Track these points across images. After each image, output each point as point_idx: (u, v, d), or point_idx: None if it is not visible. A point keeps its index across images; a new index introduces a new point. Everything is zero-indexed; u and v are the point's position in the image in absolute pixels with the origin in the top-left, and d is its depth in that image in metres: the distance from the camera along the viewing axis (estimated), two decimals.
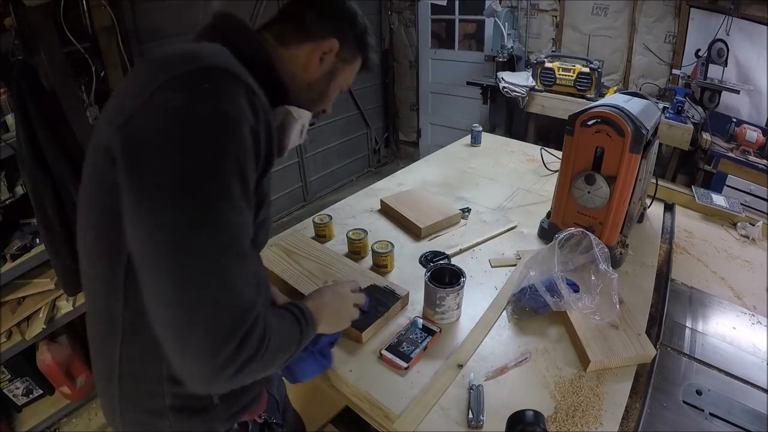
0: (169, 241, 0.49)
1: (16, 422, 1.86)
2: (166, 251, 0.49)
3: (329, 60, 0.73)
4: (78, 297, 1.88)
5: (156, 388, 0.63)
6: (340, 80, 0.78)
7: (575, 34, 3.18)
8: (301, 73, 0.72)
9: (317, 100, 0.77)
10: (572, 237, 1.03)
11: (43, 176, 1.57)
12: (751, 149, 2.41)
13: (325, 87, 0.76)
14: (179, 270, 0.49)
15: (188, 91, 0.52)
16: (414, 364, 0.90)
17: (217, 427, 0.70)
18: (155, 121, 0.51)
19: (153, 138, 0.50)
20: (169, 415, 0.65)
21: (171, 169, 0.50)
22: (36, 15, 1.50)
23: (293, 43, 0.71)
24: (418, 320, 1.00)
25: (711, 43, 2.41)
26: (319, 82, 0.75)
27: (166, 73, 0.53)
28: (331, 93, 0.78)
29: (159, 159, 0.50)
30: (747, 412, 0.83)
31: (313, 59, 0.71)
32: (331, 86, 0.77)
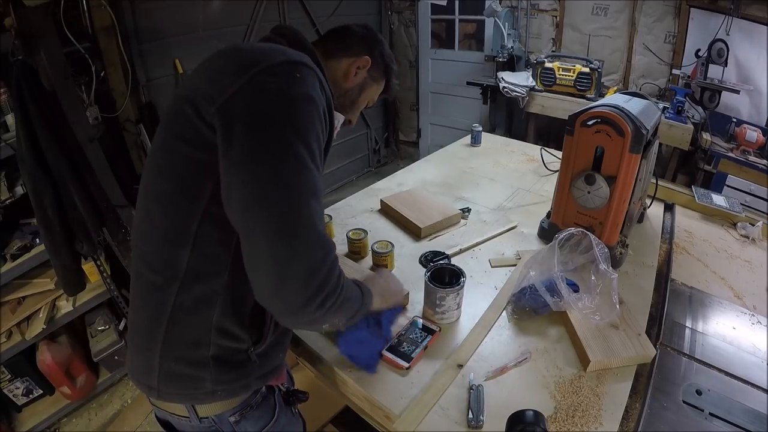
0: (277, 186, 0.60)
1: (16, 422, 1.86)
2: (274, 195, 0.60)
3: (362, 75, 0.90)
4: (78, 297, 1.89)
5: (203, 337, 0.69)
6: (368, 94, 0.94)
7: (575, 34, 3.18)
8: (341, 80, 0.88)
9: (349, 107, 0.92)
10: (572, 237, 1.03)
11: (43, 176, 1.57)
12: (751, 149, 2.41)
13: (356, 96, 0.92)
14: (285, 209, 0.60)
15: (285, 76, 0.65)
16: (415, 363, 0.90)
17: (252, 384, 0.76)
18: (260, 97, 0.63)
19: (261, 109, 0.62)
20: (211, 365, 0.70)
21: (275, 132, 0.62)
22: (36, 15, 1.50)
23: (336, 56, 0.87)
24: (418, 320, 1.01)
25: (711, 43, 2.41)
26: (353, 91, 0.90)
27: (263, 61, 0.65)
28: (360, 103, 0.94)
29: (266, 124, 0.62)
30: (747, 412, 0.83)
31: (351, 70, 0.88)
32: (361, 97, 0.93)
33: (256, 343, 0.74)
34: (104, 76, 2.02)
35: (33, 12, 1.49)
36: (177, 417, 0.77)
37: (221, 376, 0.71)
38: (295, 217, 0.60)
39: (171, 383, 0.72)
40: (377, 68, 0.92)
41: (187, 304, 0.68)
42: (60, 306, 1.87)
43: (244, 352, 0.73)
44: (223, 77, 0.65)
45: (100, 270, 1.89)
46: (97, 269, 1.89)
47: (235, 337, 0.71)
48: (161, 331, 0.69)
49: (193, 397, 0.73)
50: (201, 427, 0.76)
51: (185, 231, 0.66)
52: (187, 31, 2.53)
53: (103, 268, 1.90)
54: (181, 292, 0.68)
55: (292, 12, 3.12)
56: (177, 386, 0.72)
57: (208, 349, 0.69)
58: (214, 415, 0.75)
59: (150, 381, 0.72)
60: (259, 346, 0.75)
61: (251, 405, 0.78)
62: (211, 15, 2.63)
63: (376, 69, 0.91)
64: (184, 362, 0.70)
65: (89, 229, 1.74)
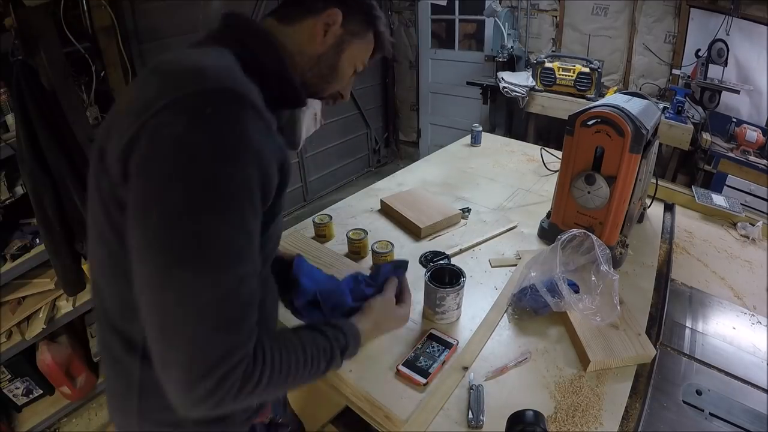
0: (160, 273, 0.49)
1: (16, 422, 1.86)
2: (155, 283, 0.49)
3: (334, 32, 0.72)
4: (78, 297, 1.88)
5: None
6: (351, 55, 0.76)
7: (575, 34, 3.18)
8: (307, 47, 0.72)
9: (328, 75, 0.75)
10: (574, 238, 1.03)
11: (43, 176, 1.57)
12: (751, 149, 2.41)
13: (334, 59, 0.74)
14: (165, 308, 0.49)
15: (190, 115, 0.50)
16: (433, 379, 0.87)
17: (236, 429, 0.73)
18: (156, 147, 0.49)
19: (154, 166, 0.49)
20: (190, 423, 0.65)
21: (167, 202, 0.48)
22: (36, 15, 1.50)
23: (296, 19, 0.71)
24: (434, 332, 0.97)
25: (711, 43, 2.41)
26: (327, 55, 0.73)
27: (169, 93, 0.51)
28: (343, 68, 0.76)
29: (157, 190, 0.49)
30: (747, 412, 0.83)
31: (317, 31, 0.71)
32: (341, 60, 0.75)
33: None
34: (104, 76, 2.01)
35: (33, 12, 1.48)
36: None
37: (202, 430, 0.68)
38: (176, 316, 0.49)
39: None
40: (355, 20, 0.74)
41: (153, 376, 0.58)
42: (60, 306, 1.87)
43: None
44: (130, 115, 0.52)
45: None
46: None
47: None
48: (135, 400, 0.64)
49: None
50: None
51: (131, 305, 0.56)
52: (187, 31, 2.53)
53: None
54: (144, 364, 0.61)
55: None
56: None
57: None
58: None
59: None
60: None
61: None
62: (211, 15, 2.63)
63: (354, 21, 0.74)
64: (164, 424, 0.66)
65: None
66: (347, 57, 0.75)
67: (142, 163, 0.50)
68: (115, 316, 0.62)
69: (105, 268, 0.61)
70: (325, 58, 0.73)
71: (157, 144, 0.49)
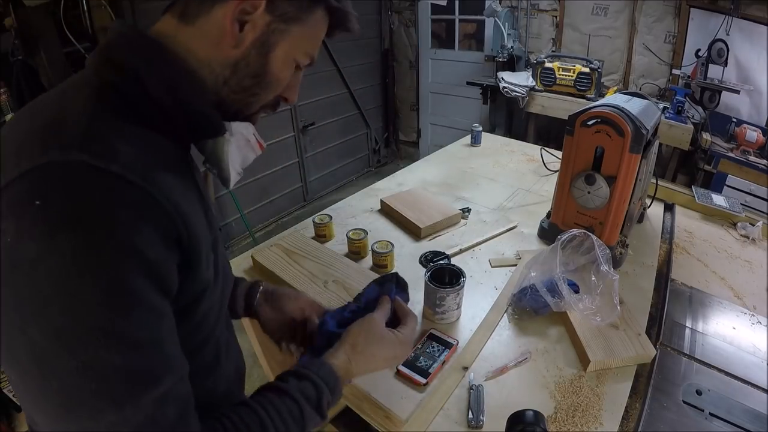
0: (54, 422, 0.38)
1: (16, 422, 1.86)
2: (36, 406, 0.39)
3: (256, 24, 0.50)
4: None
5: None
6: (286, 50, 0.53)
7: (575, 34, 3.19)
8: (216, 52, 0.50)
9: (254, 86, 0.53)
10: (574, 238, 1.03)
11: None
12: (751, 149, 2.41)
13: (260, 63, 0.52)
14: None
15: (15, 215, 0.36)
16: (433, 379, 0.87)
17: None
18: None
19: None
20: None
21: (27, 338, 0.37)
22: (36, 15, 1.50)
23: (200, 15, 0.49)
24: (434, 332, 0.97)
25: (711, 43, 2.42)
26: (248, 59, 0.51)
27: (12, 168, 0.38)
28: (273, 71, 0.53)
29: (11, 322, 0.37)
30: (747, 412, 0.83)
31: (227, 27, 0.49)
32: (269, 61, 0.52)
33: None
34: None
35: (33, 12, 1.49)
36: None
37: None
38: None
39: None
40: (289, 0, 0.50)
41: None
42: None
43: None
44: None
45: None
46: None
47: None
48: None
49: None
50: None
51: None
52: None
53: None
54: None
55: None
56: None
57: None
58: None
59: None
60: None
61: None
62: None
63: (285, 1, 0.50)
64: None
65: None
66: (280, 55, 0.53)
67: None
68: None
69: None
70: (246, 63, 0.51)
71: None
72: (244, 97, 0.54)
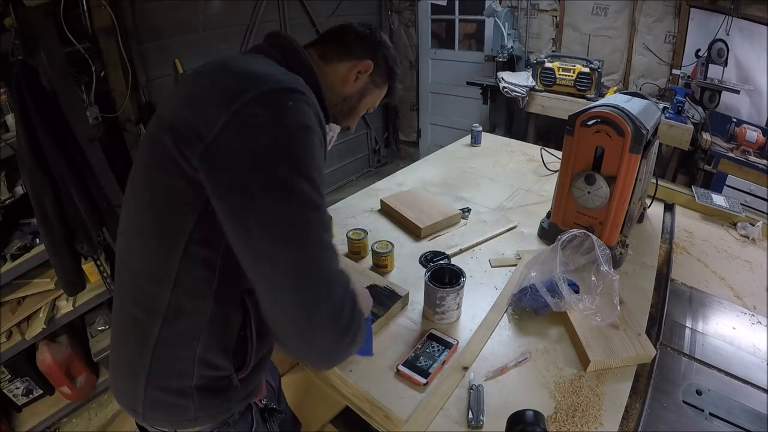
0: (285, 229, 0.56)
1: (16, 422, 1.86)
2: (284, 239, 0.56)
3: (363, 80, 0.84)
4: (78, 297, 1.89)
5: (187, 369, 0.68)
6: (369, 100, 0.89)
7: (575, 34, 3.18)
8: (339, 86, 0.82)
9: (347, 114, 0.88)
10: (575, 238, 1.03)
11: (43, 176, 1.57)
12: (751, 149, 2.41)
13: (356, 102, 0.87)
14: (298, 253, 0.56)
15: (276, 107, 0.59)
16: (433, 379, 0.87)
17: (234, 407, 0.75)
18: (251, 133, 0.57)
19: (253, 148, 0.56)
20: (194, 394, 0.69)
21: (273, 172, 0.56)
22: (36, 15, 1.50)
23: (335, 60, 0.82)
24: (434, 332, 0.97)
25: (711, 43, 2.41)
26: (352, 97, 0.85)
27: (251, 89, 0.59)
28: (359, 109, 0.89)
29: (262, 164, 0.56)
30: (747, 412, 0.83)
31: (351, 75, 0.82)
32: (361, 103, 0.88)
33: (239, 370, 0.73)
34: (104, 76, 2.01)
35: (33, 12, 1.49)
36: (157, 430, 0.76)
37: (204, 403, 0.71)
38: (311, 259, 0.57)
39: (155, 410, 0.71)
40: (380, 73, 0.87)
41: (170, 339, 0.66)
42: (60, 306, 1.87)
43: (227, 379, 0.72)
44: (208, 107, 0.58)
45: (100, 270, 1.89)
46: (97, 269, 1.89)
47: (218, 367, 0.70)
48: (145, 363, 0.67)
49: (177, 422, 0.72)
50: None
51: (166, 269, 0.63)
52: (187, 31, 2.53)
53: (103, 268, 1.90)
54: (164, 328, 0.66)
55: (292, 12, 3.12)
56: (161, 413, 0.71)
57: (192, 380, 0.68)
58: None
59: (135, 406, 0.71)
60: (242, 372, 0.73)
61: (228, 423, 0.76)
62: (211, 15, 2.63)
63: (378, 73, 0.86)
64: (168, 392, 0.69)
65: (89, 229, 1.74)
66: (365, 102, 0.88)
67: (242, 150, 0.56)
68: (143, 279, 0.66)
69: (148, 231, 0.65)
70: (350, 99, 0.85)
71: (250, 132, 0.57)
72: (338, 117, 0.87)
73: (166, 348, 0.67)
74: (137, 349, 0.68)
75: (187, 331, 0.66)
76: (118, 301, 0.71)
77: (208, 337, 0.67)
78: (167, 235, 0.62)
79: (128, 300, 0.68)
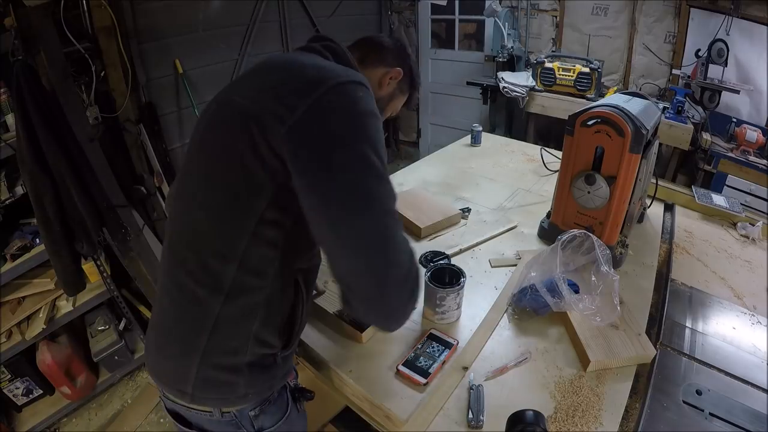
0: (361, 198, 0.61)
1: (16, 422, 1.86)
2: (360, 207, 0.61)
3: (392, 85, 0.93)
4: (78, 297, 1.89)
5: (242, 346, 0.71)
6: (393, 105, 0.98)
7: (575, 34, 3.19)
8: (376, 89, 0.90)
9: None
10: (575, 238, 1.03)
11: (43, 176, 1.57)
12: (751, 149, 2.41)
13: (384, 105, 0.95)
14: (372, 220, 0.62)
15: (350, 95, 0.65)
16: (433, 378, 0.87)
17: (276, 384, 0.80)
18: (331, 116, 0.63)
19: (333, 128, 0.63)
20: (245, 370, 0.73)
21: (350, 148, 0.62)
22: (36, 15, 1.50)
23: (371, 65, 0.90)
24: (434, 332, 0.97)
25: (711, 43, 2.41)
26: (383, 100, 0.93)
27: (329, 80, 0.65)
28: (386, 112, 0.97)
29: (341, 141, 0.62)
30: (747, 412, 0.83)
31: (385, 80, 0.91)
32: (388, 107, 0.97)
33: (285, 347, 0.78)
34: (104, 76, 2.01)
35: (33, 12, 1.49)
36: (195, 411, 0.77)
37: (254, 380, 0.74)
38: (383, 226, 0.62)
39: (206, 389, 0.73)
40: (406, 81, 0.96)
41: (230, 316, 0.70)
42: (60, 306, 1.87)
43: (273, 357, 0.76)
44: (290, 95, 0.64)
45: (100, 270, 1.89)
46: (97, 269, 1.89)
47: (269, 344, 0.74)
48: (202, 341, 0.70)
49: (227, 401, 0.75)
50: (222, 420, 0.77)
51: (233, 248, 0.67)
52: (187, 31, 2.53)
53: (103, 268, 1.90)
54: (225, 305, 0.69)
55: (292, 12, 3.12)
56: (212, 392, 0.74)
57: (245, 356, 0.72)
58: (236, 410, 0.77)
59: (184, 386, 0.73)
60: (287, 350, 0.78)
61: (269, 400, 0.80)
62: (211, 15, 2.63)
63: (405, 81, 0.95)
64: (221, 369, 0.72)
65: (89, 229, 1.74)
66: (391, 106, 0.97)
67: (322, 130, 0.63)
68: (209, 257, 0.69)
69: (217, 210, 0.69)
70: (380, 102, 0.91)
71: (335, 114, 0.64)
72: None
73: (225, 325, 0.70)
74: (194, 326, 0.70)
75: (246, 309, 0.70)
76: (176, 279, 0.73)
77: (264, 315, 0.71)
78: (239, 216, 0.66)
79: (189, 278, 0.70)
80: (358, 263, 0.62)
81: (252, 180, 0.65)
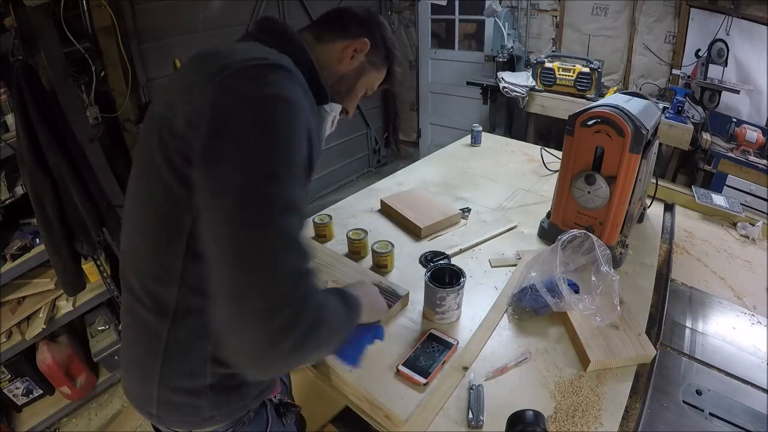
0: (238, 202, 0.52)
1: (16, 422, 1.86)
2: (235, 212, 0.52)
3: (359, 59, 0.83)
4: (78, 297, 1.89)
5: (200, 368, 0.68)
6: (366, 81, 0.87)
7: (575, 34, 3.18)
8: (335, 65, 0.81)
9: (345, 95, 0.85)
10: (575, 238, 1.03)
11: (43, 176, 1.57)
12: (751, 149, 2.41)
13: (353, 82, 0.85)
14: (245, 229, 0.52)
15: (256, 78, 0.57)
16: (433, 378, 0.86)
17: (249, 404, 0.75)
18: (225, 100, 0.56)
19: (225, 114, 0.55)
20: (208, 393, 0.69)
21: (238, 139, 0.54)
22: (36, 15, 1.50)
23: (330, 39, 0.81)
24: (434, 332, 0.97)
25: (711, 43, 2.41)
26: (348, 76, 0.84)
27: (234, 64, 0.58)
28: (357, 90, 0.87)
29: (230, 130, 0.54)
30: (747, 412, 0.83)
31: (346, 54, 0.81)
32: (358, 83, 0.86)
33: None
34: (104, 76, 2.01)
35: (33, 12, 1.49)
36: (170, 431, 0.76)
37: (219, 401, 0.71)
38: (257, 238, 0.51)
39: (170, 412, 0.71)
40: (377, 53, 0.85)
41: (180, 339, 0.66)
42: (60, 306, 1.87)
43: (240, 376, 0.71)
44: (194, 90, 0.58)
45: (100, 270, 1.89)
46: (97, 269, 1.89)
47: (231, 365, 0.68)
48: (157, 364, 0.67)
49: (192, 423, 0.72)
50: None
51: (171, 269, 0.62)
52: (187, 31, 2.53)
53: (103, 268, 1.90)
54: (173, 328, 0.65)
55: (292, 11, 3.13)
56: (176, 414, 0.71)
57: (205, 378, 0.68)
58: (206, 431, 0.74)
59: (149, 408, 0.71)
60: None
61: (243, 421, 0.76)
62: (211, 15, 2.63)
63: (376, 54, 0.84)
64: (181, 392, 0.69)
65: (89, 229, 1.74)
66: (363, 82, 0.86)
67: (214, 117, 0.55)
68: (150, 281, 0.65)
69: (149, 232, 0.64)
70: (346, 78, 0.83)
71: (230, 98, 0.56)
72: (336, 97, 0.83)
73: (176, 349, 0.66)
74: (148, 350, 0.68)
75: (195, 330, 0.66)
76: (127, 304, 0.71)
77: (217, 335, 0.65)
78: (169, 235, 0.62)
79: (136, 302, 0.68)
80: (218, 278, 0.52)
81: (172, 195, 0.59)
